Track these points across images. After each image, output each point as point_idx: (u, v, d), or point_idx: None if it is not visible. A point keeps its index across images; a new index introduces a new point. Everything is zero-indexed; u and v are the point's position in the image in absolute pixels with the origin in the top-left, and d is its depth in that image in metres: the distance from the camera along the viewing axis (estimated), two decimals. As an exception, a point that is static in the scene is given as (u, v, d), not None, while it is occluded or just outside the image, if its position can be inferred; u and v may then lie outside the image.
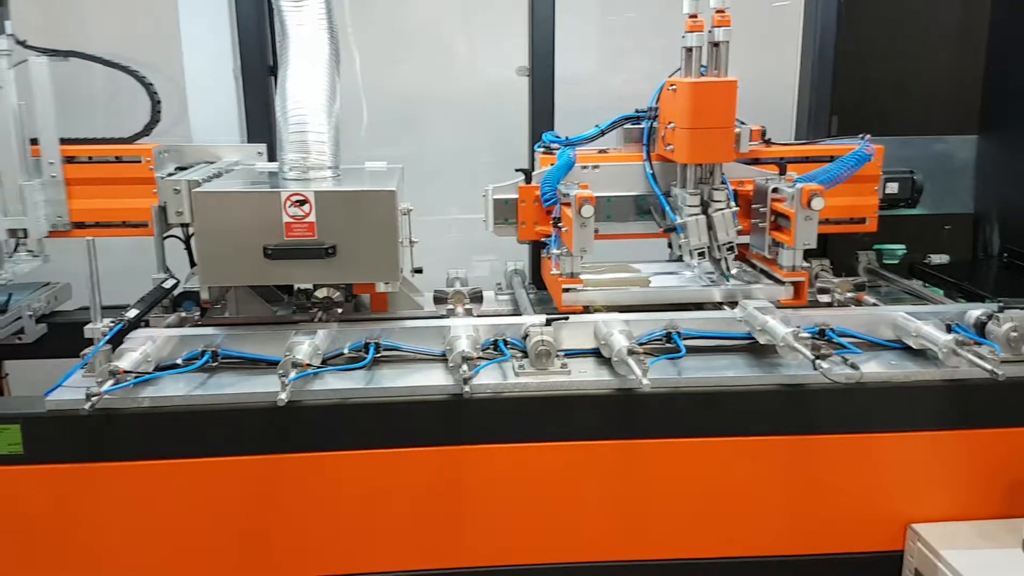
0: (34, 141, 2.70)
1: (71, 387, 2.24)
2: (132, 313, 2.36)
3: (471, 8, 3.88)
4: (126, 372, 2.14)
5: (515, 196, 2.77)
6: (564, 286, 2.55)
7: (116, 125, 2.82)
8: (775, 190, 2.54)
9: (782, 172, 2.68)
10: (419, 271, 2.65)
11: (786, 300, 2.60)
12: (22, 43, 2.61)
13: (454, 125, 3.91)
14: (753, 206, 2.64)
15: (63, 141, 2.75)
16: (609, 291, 2.65)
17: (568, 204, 2.48)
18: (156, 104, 2.78)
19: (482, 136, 3.91)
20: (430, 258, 2.65)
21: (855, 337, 2.49)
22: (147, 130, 2.80)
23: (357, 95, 3.67)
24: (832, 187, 2.55)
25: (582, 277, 2.59)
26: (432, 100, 3.86)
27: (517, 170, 2.79)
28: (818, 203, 2.38)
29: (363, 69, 3.69)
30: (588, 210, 2.36)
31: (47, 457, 2.18)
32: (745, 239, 2.69)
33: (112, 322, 2.29)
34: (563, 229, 2.53)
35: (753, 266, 2.79)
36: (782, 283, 2.60)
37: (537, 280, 3.09)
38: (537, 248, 3.03)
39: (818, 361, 2.18)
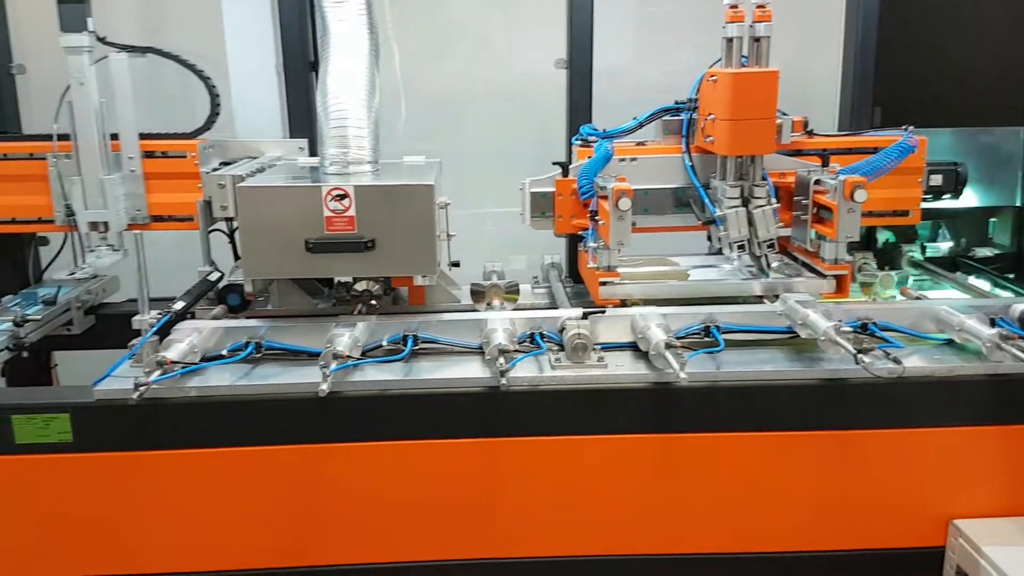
0: (114, 136, 2.76)
1: (119, 377, 2.30)
2: (179, 305, 2.41)
3: (507, 1, 3.88)
4: (173, 362, 2.20)
5: (552, 189, 2.77)
6: (601, 279, 2.55)
7: (159, 120, 2.88)
8: (817, 182, 2.51)
9: (824, 164, 2.65)
10: (456, 265, 2.67)
11: (828, 294, 2.58)
12: (102, 39, 2.66)
13: (490, 119, 3.92)
14: (795, 198, 2.62)
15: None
16: (647, 284, 2.64)
17: (605, 197, 2.48)
18: (215, 100, 2.83)
19: (518, 130, 3.91)
20: (467, 252, 2.67)
21: (897, 331, 2.46)
22: (207, 125, 2.85)
23: (396, 91, 3.70)
24: (875, 179, 2.52)
25: (619, 270, 2.59)
26: (468, 94, 3.88)
27: (554, 163, 2.79)
28: (861, 195, 2.35)
29: (401, 64, 3.72)
30: (626, 203, 2.36)
31: (95, 445, 2.24)
32: (786, 232, 2.66)
33: (159, 314, 2.35)
34: (600, 222, 2.53)
35: (794, 258, 2.76)
36: (824, 276, 2.57)
37: (574, 274, 3.10)
38: (574, 242, 3.04)
39: (860, 355, 2.16)
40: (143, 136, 2.79)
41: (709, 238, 2.95)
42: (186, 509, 2.30)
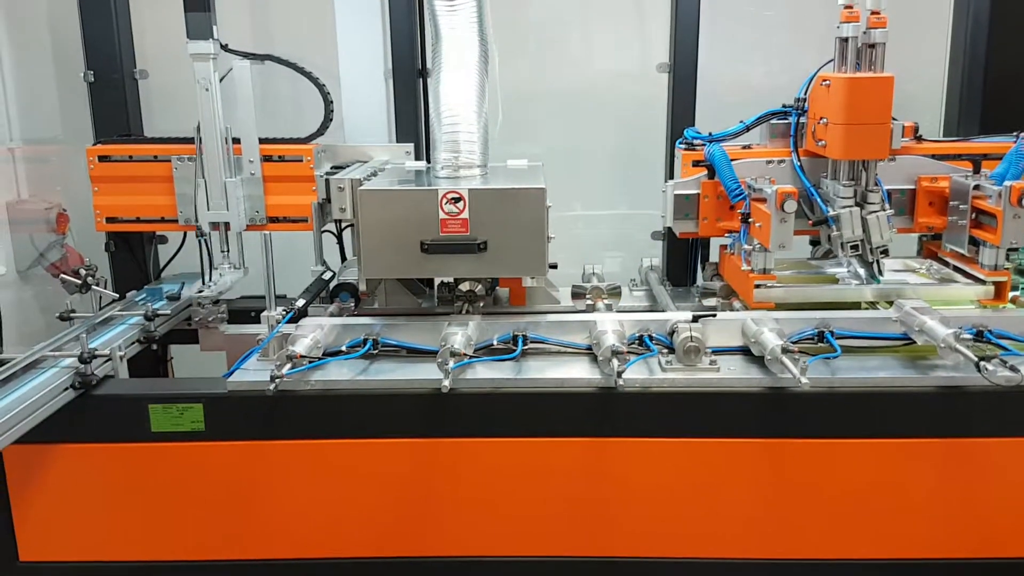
0: (235, 140, 2.89)
1: (248, 370, 2.41)
2: (300, 303, 2.51)
3: (593, 4, 3.90)
4: (302, 356, 2.29)
5: (696, 192, 2.79)
6: (756, 282, 2.55)
7: (269, 125, 2.99)
8: (976, 187, 2.51)
9: (976, 169, 2.65)
10: (554, 266, 2.70)
11: (986, 300, 2.57)
12: (224, 47, 2.79)
13: (575, 120, 3.94)
14: (951, 203, 2.63)
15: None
16: (801, 288, 2.63)
17: (761, 200, 2.49)
18: (329, 106, 2.93)
19: (605, 132, 3.93)
20: (560, 254, 2.70)
21: (1013, 339, 2.42)
22: (321, 130, 2.96)
23: (493, 95, 3.76)
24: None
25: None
26: (553, 95, 3.91)
27: (695, 164, 2.79)
28: (1029, 201, 2.34)
29: (500, 68, 3.78)
30: (791, 205, 2.37)
31: (226, 434, 2.35)
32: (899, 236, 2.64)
33: (284, 311, 2.45)
34: (757, 224, 2.54)
35: (946, 264, 2.76)
36: (983, 282, 2.56)
37: (673, 276, 3.11)
38: (673, 244, 3.05)
39: (983, 363, 2.14)
40: (262, 141, 2.90)
41: (812, 243, 2.95)
42: (308, 497, 2.40)
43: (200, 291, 2.78)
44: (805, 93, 2.67)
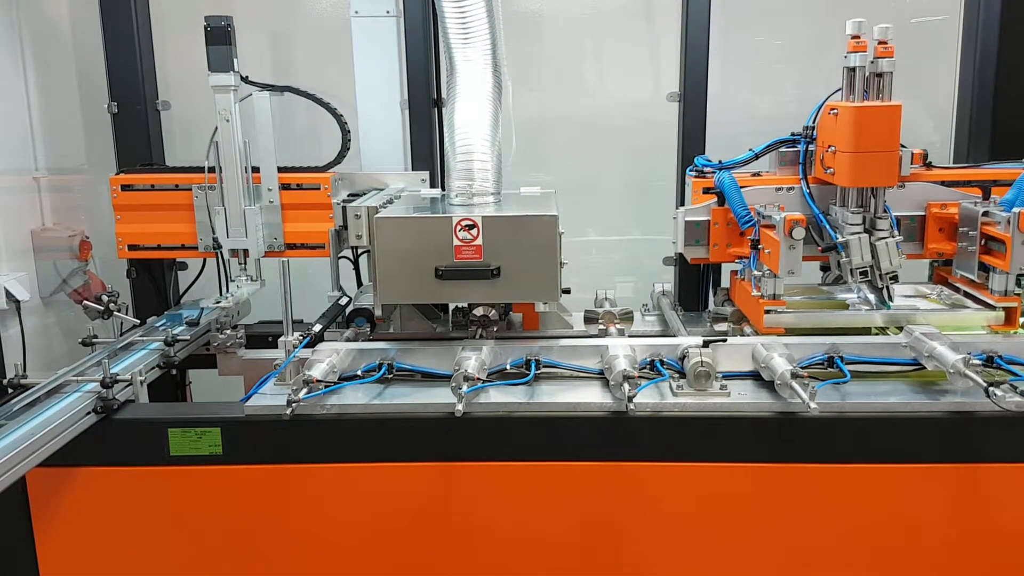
0: (255, 169, 2.96)
1: (265, 394, 2.45)
2: (317, 327, 2.56)
3: (602, 32, 3.96)
4: (318, 381, 2.33)
5: (706, 218, 2.84)
6: (766, 308, 2.58)
7: (287, 154, 3.06)
8: (985, 214, 2.53)
9: (986, 196, 2.68)
10: (567, 291, 2.74)
11: (997, 325, 2.59)
12: (245, 79, 2.86)
13: (588, 148, 4.00)
14: (960, 229, 2.65)
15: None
16: (812, 313, 2.66)
17: (770, 226, 2.54)
18: (346, 136, 3.00)
19: (616, 159, 3.98)
20: (573, 279, 2.74)
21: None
22: (339, 159, 3.03)
23: (507, 124, 3.83)
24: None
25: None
26: (565, 124, 3.97)
27: (705, 191, 2.84)
28: (1035, 227, 2.36)
29: (513, 97, 3.86)
30: (800, 232, 2.42)
31: (243, 458, 2.39)
32: (908, 263, 2.66)
33: (301, 335, 2.50)
34: (766, 251, 2.57)
35: (956, 289, 2.78)
36: (993, 308, 2.58)
37: (685, 301, 3.14)
38: (685, 269, 3.08)
39: (992, 388, 2.15)
40: (281, 169, 2.97)
41: (822, 269, 2.97)
42: (324, 520, 2.42)
43: (217, 302, 2.85)
44: (813, 122, 2.70)
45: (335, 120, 2.99)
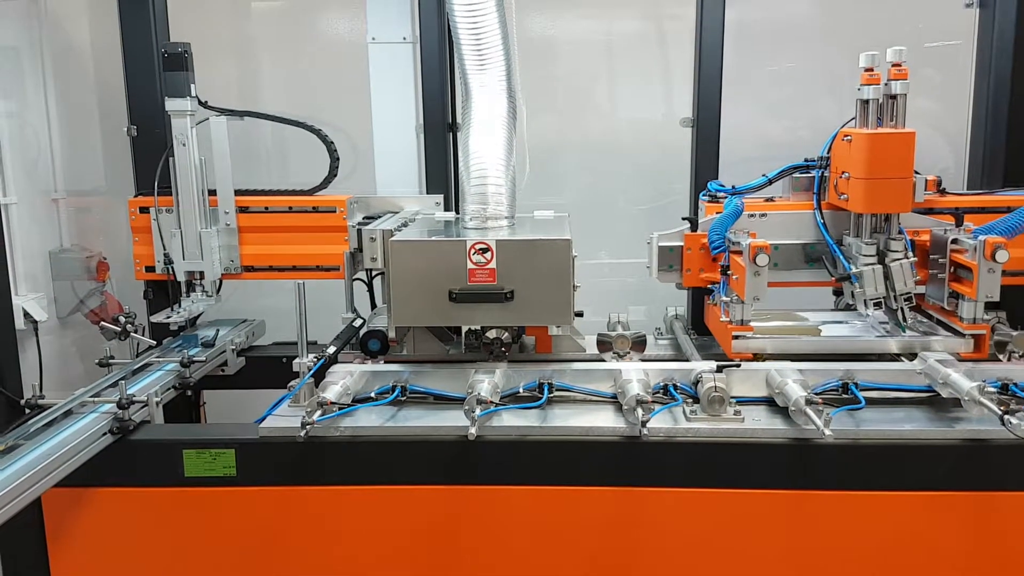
0: (212, 192, 2.99)
1: (279, 416, 2.46)
2: (331, 349, 2.57)
3: (616, 57, 4.00)
4: (332, 403, 2.34)
5: (680, 243, 2.85)
6: (734, 333, 2.59)
7: (281, 177, 3.11)
8: (955, 241, 2.52)
9: (959, 223, 2.65)
10: (580, 315, 2.75)
11: (966, 353, 2.56)
12: (203, 104, 2.91)
13: (602, 173, 4.02)
14: (931, 256, 2.62)
15: (245, 192, 3.04)
16: (780, 339, 2.66)
17: (739, 252, 2.53)
18: (334, 158, 3.05)
19: (632, 184, 4.00)
20: (586, 302, 2.74)
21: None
22: (325, 183, 3.07)
23: (521, 148, 3.87)
24: (1012, 238, 2.50)
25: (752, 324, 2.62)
26: (579, 147, 3.99)
27: (683, 218, 2.87)
28: (1002, 256, 2.35)
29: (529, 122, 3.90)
30: (763, 259, 2.41)
31: (257, 480, 2.40)
32: (921, 289, 2.66)
33: (316, 357, 2.51)
34: (734, 277, 2.58)
35: (929, 316, 2.75)
36: (962, 335, 2.56)
37: (698, 325, 3.14)
38: (698, 294, 3.09)
39: (1007, 416, 2.14)
40: (286, 193, 3.00)
41: (835, 293, 2.97)
42: (337, 541, 2.42)
43: (168, 316, 2.89)
44: (828, 152, 2.71)
45: (322, 143, 3.04)
